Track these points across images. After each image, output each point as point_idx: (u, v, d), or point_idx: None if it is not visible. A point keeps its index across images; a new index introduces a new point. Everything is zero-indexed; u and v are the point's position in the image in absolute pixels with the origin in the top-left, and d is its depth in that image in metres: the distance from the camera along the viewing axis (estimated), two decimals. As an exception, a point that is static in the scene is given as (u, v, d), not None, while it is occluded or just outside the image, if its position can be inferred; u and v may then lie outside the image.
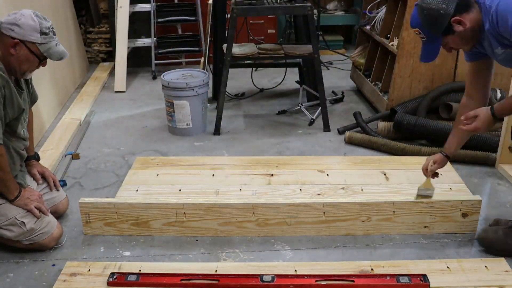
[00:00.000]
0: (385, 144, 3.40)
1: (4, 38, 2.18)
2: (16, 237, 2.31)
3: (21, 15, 2.18)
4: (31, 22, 2.17)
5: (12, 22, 2.16)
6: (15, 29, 2.16)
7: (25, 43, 2.18)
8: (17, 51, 2.19)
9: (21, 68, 2.24)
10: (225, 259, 2.36)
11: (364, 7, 4.48)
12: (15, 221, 2.28)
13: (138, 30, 5.46)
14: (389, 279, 2.12)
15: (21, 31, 2.16)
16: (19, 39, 2.17)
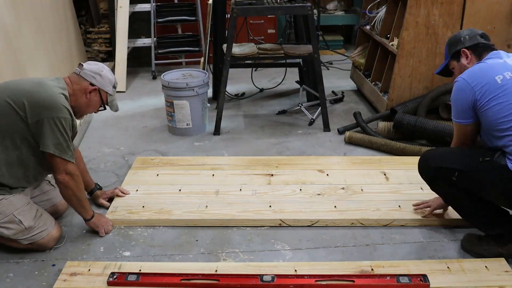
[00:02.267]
0: (385, 144, 3.40)
1: (83, 82, 2.43)
2: (14, 235, 2.31)
3: (103, 67, 2.49)
4: (110, 76, 2.50)
5: (96, 71, 2.45)
6: (97, 78, 2.44)
7: (100, 91, 2.47)
8: (91, 96, 2.45)
9: (85, 111, 2.51)
10: (225, 259, 2.36)
11: (364, 7, 4.48)
12: (13, 218, 2.28)
13: (138, 30, 5.46)
14: (389, 279, 2.12)
15: (101, 81, 2.46)
16: (98, 86, 2.45)
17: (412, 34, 3.53)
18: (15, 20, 3.52)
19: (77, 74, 2.44)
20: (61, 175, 2.30)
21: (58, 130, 2.24)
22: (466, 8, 3.47)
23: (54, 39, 4.34)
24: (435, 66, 3.64)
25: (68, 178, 2.31)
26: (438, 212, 2.61)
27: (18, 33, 3.54)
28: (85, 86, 2.43)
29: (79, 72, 2.43)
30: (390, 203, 2.72)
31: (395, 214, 2.62)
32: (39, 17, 4.05)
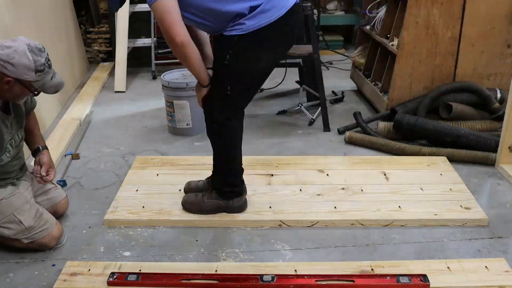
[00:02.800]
0: (385, 144, 3.40)
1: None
2: (14, 235, 2.30)
3: (14, 52, 2.08)
4: (26, 61, 2.09)
5: (5, 59, 2.07)
6: (8, 67, 2.08)
7: (19, 80, 2.12)
8: (10, 87, 2.13)
9: (15, 100, 2.25)
10: (225, 259, 2.36)
11: (364, 7, 4.48)
12: (13, 218, 2.28)
13: (138, 30, 5.45)
14: (389, 279, 2.12)
15: (15, 70, 2.09)
16: (13, 77, 2.10)
17: (412, 34, 3.53)
18: (15, 20, 3.52)
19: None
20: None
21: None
22: (466, 8, 3.47)
23: (54, 39, 4.34)
24: (435, 66, 3.64)
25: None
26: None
27: (18, 33, 3.54)
28: (0, 76, 2.10)
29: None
30: (390, 203, 2.72)
31: (395, 215, 2.62)
32: (39, 17, 4.05)
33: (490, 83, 3.68)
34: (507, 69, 3.65)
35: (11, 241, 2.35)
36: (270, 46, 2.29)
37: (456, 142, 3.30)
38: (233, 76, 2.32)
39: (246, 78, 2.36)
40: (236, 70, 2.30)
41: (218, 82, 2.36)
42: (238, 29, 2.21)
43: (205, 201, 2.61)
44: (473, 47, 3.58)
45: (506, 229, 2.57)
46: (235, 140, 2.53)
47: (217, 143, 2.54)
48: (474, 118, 3.56)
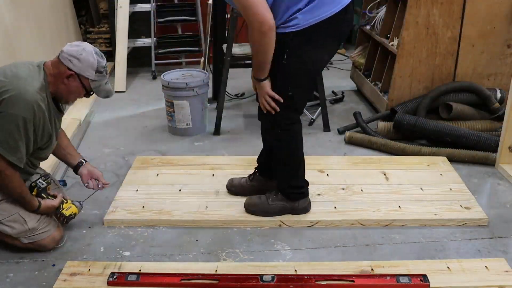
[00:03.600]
0: (385, 144, 3.40)
1: (61, 66, 2.23)
2: (16, 234, 2.30)
3: (83, 50, 2.23)
4: (91, 59, 2.22)
5: (74, 54, 2.21)
6: (74, 61, 2.21)
7: (80, 76, 2.23)
8: (69, 82, 2.24)
9: (67, 98, 2.32)
10: (225, 259, 2.36)
11: (364, 7, 4.48)
12: (18, 217, 2.28)
13: (138, 30, 5.45)
14: (389, 279, 2.12)
15: (79, 65, 2.21)
16: (75, 71, 2.22)
17: (412, 34, 3.53)
18: (15, 20, 3.52)
19: (57, 57, 2.26)
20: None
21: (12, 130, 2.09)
22: (466, 8, 3.47)
23: (54, 39, 4.34)
24: (435, 66, 3.64)
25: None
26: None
27: (18, 33, 3.54)
28: (63, 71, 2.22)
29: (59, 54, 2.25)
30: (390, 203, 2.72)
31: (395, 215, 2.62)
32: (39, 17, 4.05)
33: (490, 83, 3.68)
34: (507, 69, 3.65)
35: (11, 240, 2.35)
36: (325, 42, 2.26)
37: (456, 142, 3.30)
38: (293, 76, 2.29)
39: (304, 76, 2.32)
40: (295, 69, 2.26)
41: (280, 84, 2.30)
42: (293, 25, 2.17)
43: (270, 203, 2.58)
44: (473, 47, 3.58)
45: (506, 229, 2.57)
46: (298, 143, 2.53)
47: (281, 147, 2.51)
48: (474, 118, 3.56)
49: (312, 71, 2.35)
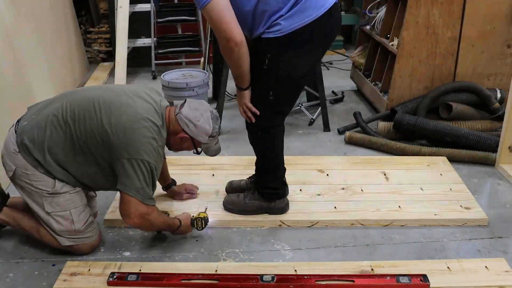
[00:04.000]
0: (385, 144, 3.40)
1: (177, 125, 2.29)
2: (61, 231, 2.28)
3: (201, 116, 2.28)
4: (207, 127, 2.29)
5: (191, 120, 2.26)
6: (190, 126, 2.27)
7: (193, 139, 2.32)
8: (182, 141, 2.33)
9: (176, 150, 2.41)
10: (225, 259, 2.36)
11: (364, 7, 4.48)
12: (68, 215, 2.26)
13: (138, 30, 5.46)
14: (389, 279, 2.12)
15: (195, 130, 2.28)
16: (190, 135, 2.29)
17: (412, 34, 3.53)
18: (15, 20, 3.52)
19: (175, 115, 2.29)
20: (129, 219, 2.19)
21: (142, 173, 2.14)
22: (466, 8, 3.47)
23: (54, 39, 4.34)
24: (435, 66, 3.64)
25: (138, 221, 2.21)
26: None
27: (18, 33, 3.54)
28: (178, 130, 2.29)
29: (177, 113, 2.28)
30: (390, 203, 2.72)
31: (395, 215, 2.62)
32: (39, 17, 4.05)
33: (490, 83, 3.68)
34: (507, 69, 3.65)
35: (50, 239, 2.33)
36: (309, 47, 2.23)
37: (456, 142, 3.30)
38: (274, 81, 2.27)
39: (286, 81, 2.30)
40: (277, 74, 2.25)
41: (259, 88, 2.31)
42: (276, 31, 2.15)
43: (247, 202, 2.61)
44: (473, 47, 3.58)
45: (506, 229, 2.57)
46: (278, 145, 2.51)
47: (260, 149, 2.51)
48: (474, 118, 3.56)
49: (294, 76, 2.30)
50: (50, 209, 2.25)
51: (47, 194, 2.23)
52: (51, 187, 2.23)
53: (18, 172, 2.23)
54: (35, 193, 2.24)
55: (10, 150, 2.24)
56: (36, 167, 2.20)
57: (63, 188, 2.24)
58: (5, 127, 3.08)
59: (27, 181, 2.23)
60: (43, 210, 2.26)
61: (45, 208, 2.25)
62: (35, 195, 2.25)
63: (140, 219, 2.20)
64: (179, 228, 2.41)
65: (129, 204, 2.17)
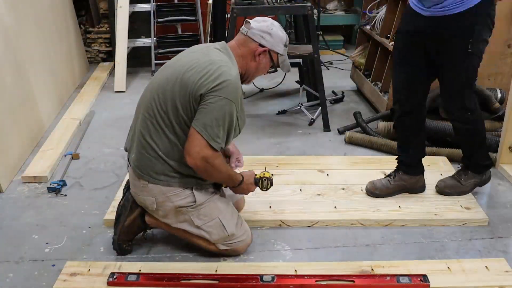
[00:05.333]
0: (385, 144, 3.40)
1: (251, 43, 2.20)
2: (215, 240, 2.27)
3: (272, 25, 2.22)
4: (280, 33, 2.23)
5: (265, 30, 2.19)
6: (266, 37, 2.19)
7: (270, 52, 2.23)
8: (260, 59, 2.22)
9: (254, 75, 2.28)
10: (225, 259, 2.35)
11: (364, 7, 4.48)
12: (218, 222, 2.24)
13: (138, 30, 5.46)
14: (389, 279, 2.12)
15: (271, 40, 2.20)
16: (268, 47, 2.21)
17: (412, 34, 3.52)
18: (15, 20, 3.52)
19: (244, 34, 2.20)
20: (191, 158, 2.06)
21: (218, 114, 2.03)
22: (466, 8, 3.46)
23: (54, 39, 4.34)
24: (435, 66, 3.63)
25: (203, 165, 2.07)
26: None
27: (18, 33, 3.54)
28: (254, 48, 2.19)
29: (246, 32, 2.19)
30: (390, 204, 2.72)
31: (395, 214, 2.62)
32: (39, 17, 4.05)
33: (490, 83, 3.67)
34: (507, 69, 3.65)
35: (206, 244, 2.31)
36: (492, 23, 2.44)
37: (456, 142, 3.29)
38: (476, 61, 2.44)
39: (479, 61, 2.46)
40: (477, 55, 2.41)
41: (464, 72, 2.44)
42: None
43: (463, 183, 2.75)
44: (473, 47, 3.57)
45: (506, 229, 2.57)
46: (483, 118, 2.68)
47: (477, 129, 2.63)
48: (474, 118, 3.56)
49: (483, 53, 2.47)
50: (199, 222, 2.24)
51: (192, 209, 2.22)
52: (192, 200, 2.21)
53: (159, 200, 2.20)
54: (180, 213, 2.23)
55: (139, 187, 2.22)
56: (170, 184, 2.17)
57: (203, 197, 2.22)
58: (5, 127, 3.09)
59: (170, 204, 2.21)
60: (193, 225, 2.24)
61: (195, 223, 2.24)
62: (181, 215, 2.23)
63: (201, 161, 2.06)
64: (240, 183, 2.28)
65: (193, 141, 2.04)
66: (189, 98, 2.07)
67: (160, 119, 2.15)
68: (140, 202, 2.29)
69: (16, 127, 3.26)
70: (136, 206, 2.32)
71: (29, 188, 2.98)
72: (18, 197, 2.90)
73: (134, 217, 2.33)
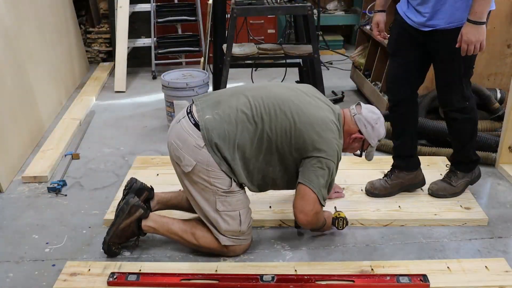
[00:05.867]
0: (385, 144, 3.40)
1: (353, 126, 2.37)
2: (226, 231, 2.26)
3: (378, 119, 2.39)
4: (381, 130, 2.40)
5: (370, 121, 2.37)
6: (368, 128, 2.37)
7: (364, 141, 2.40)
8: (353, 142, 2.40)
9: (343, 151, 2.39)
10: (225, 259, 2.35)
11: (364, 7, 4.48)
12: (237, 215, 2.25)
13: (138, 30, 5.46)
14: (389, 279, 2.12)
15: (371, 133, 2.38)
16: (365, 137, 2.38)
17: (412, 34, 3.52)
18: (15, 20, 3.52)
19: (351, 115, 2.38)
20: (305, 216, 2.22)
21: (326, 174, 2.19)
22: (466, 8, 3.47)
23: (54, 39, 4.34)
24: (435, 66, 3.63)
25: (311, 219, 2.24)
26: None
27: (18, 33, 3.55)
28: (353, 131, 2.37)
29: (355, 114, 2.37)
30: (390, 203, 2.72)
31: (395, 214, 2.62)
32: (39, 17, 4.05)
33: (490, 83, 3.68)
34: (507, 69, 3.65)
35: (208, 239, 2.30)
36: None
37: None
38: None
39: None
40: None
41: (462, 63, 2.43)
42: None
43: (454, 184, 2.75)
44: (473, 47, 3.57)
45: (506, 229, 2.57)
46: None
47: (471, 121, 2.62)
48: (474, 118, 3.56)
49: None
50: (221, 207, 2.23)
51: (222, 193, 2.21)
52: (227, 186, 2.21)
53: (197, 168, 2.17)
54: (209, 190, 2.21)
55: (190, 144, 2.18)
56: (220, 165, 2.17)
57: (237, 187, 2.23)
58: (5, 127, 3.09)
59: (205, 177, 2.19)
60: (214, 208, 2.23)
61: (217, 206, 2.23)
62: (209, 192, 2.21)
63: (313, 217, 2.23)
64: (324, 225, 2.42)
65: (308, 200, 2.19)
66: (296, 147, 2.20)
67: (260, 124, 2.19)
68: (176, 157, 2.23)
69: (16, 127, 3.26)
70: (135, 210, 2.31)
71: (29, 188, 2.98)
72: (18, 197, 2.90)
73: (131, 222, 2.31)
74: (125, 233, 2.34)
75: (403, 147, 2.78)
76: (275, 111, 2.19)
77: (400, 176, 2.77)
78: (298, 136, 2.18)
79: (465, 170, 2.76)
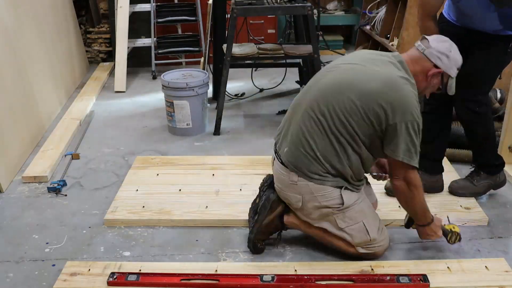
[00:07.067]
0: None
1: (426, 63, 2.16)
2: (357, 243, 2.25)
3: (451, 46, 2.17)
4: (458, 57, 2.18)
5: (443, 51, 2.14)
6: (443, 59, 2.14)
7: (443, 74, 2.18)
8: (431, 79, 2.18)
9: (421, 94, 2.22)
10: (225, 259, 2.36)
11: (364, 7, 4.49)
12: (361, 226, 2.22)
13: (138, 30, 5.45)
14: (389, 279, 2.12)
15: (448, 63, 2.15)
16: (443, 70, 2.16)
17: (412, 34, 3.53)
18: (15, 20, 3.52)
19: (419, 52, 2.16)
20: (398, 181, 2.16)
21: (409, 135, 2.05)
22: (466, 8, 3.47)
23: (54, 39, 4.34)
24: (435, 66, 3.63)
25: (404, 186, 2.16)
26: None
27: (18, 33, 3.55)
28: (428, 68, 2.15)
29: (424, 50, 2.15)
30: (390, 203, 2.71)
31: (395, 215, 2.62)
32: (39, 17, 4.05)
33: (490, 83, 3.67)
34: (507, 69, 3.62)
35: (346, 247, 2.28)
36: None
37: (456, 142, 3.29)
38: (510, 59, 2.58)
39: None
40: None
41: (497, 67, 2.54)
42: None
43: (476, 184, 2.74)
44: (473, 47, 3.57)
45: (506, 229, 2.57)
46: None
47: (488, 124, 2.64)
48: (474, 118, 3.55)
49: None
50: (343, 224, 2.22)
51: (338, 211, 2.20)
52: (340, 202, 2.19)
53: (305, 199, 2.20)
54: (325, 213, 2.21)
55: (287, 183, 2.22)
56: (323, 183, 2.16)
57: (351, 199, 2.20)
58: (5, 127, 3.09)
59: (316, 204, 2.20)
60: (336, 226, 2.23)
61: (338, 224, 2.22)
62: (324, 214, 2.22)
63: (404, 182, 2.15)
64: (428, 224, 2.28)
65: (394, 163, 2.12)
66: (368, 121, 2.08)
67: (325, 123, 2.12)
68: (284, 198, 2.27)
69: (16, 127, 3.26)
70: (276, 206, 2.31)
71: (29, 188, 2.98)
72: (19, 197, 2.90)
73: (274, 217, 2.33)
74: (269, 229, 2.35)
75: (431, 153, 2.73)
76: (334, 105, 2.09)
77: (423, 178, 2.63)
78: (368, 112, 2.06)
79: (488, 173, 2.74)
